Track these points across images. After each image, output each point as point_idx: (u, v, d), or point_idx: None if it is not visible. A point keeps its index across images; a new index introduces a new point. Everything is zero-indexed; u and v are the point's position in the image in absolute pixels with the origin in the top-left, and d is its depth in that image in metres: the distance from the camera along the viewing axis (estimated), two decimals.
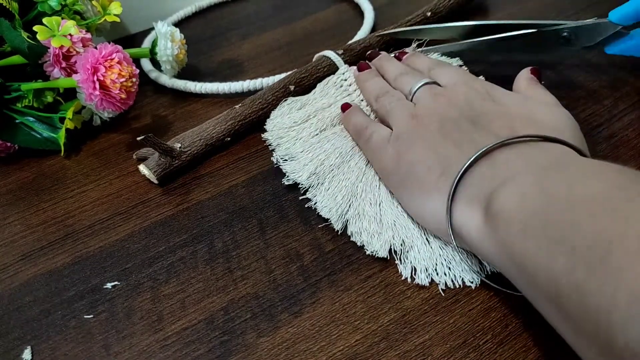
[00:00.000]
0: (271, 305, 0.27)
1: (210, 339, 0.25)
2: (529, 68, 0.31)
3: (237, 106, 0.37)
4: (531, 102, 0.28)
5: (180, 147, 0.34)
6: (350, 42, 0.43)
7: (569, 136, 0.25)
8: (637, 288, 0.15)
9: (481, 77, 0.34)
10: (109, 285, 0.29)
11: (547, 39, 0.37)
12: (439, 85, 0.31)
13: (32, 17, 0.39)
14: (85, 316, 0.27)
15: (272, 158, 0.34)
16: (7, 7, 0.36)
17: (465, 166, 0.24)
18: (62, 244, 0.32)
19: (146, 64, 0.46)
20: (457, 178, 0.24)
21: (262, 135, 0.36)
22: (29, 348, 0.26)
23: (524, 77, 0.30)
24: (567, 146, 0.24)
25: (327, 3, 0.54)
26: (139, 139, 0.31)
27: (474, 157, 0.24)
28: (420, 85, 0.31)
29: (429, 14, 0.44)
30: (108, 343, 0.26)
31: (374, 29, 0.48)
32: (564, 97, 0.36)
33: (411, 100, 0.32)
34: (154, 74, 0.45)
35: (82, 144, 0.40)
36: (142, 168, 0.34)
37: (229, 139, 0.37)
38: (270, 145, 0.35)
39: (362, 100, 0.36)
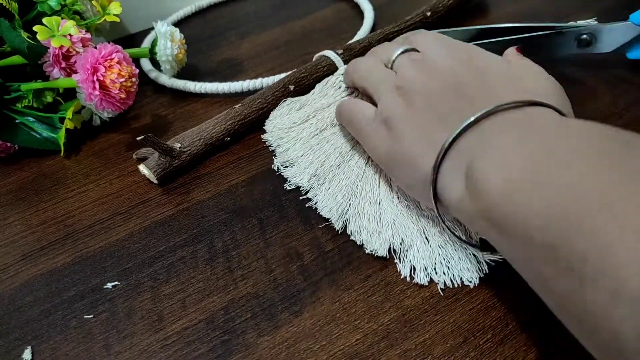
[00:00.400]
0: (271, 304, 0.27)
1: (210, 339, 0.25)
2: (513, 47, 0.30)
3: (236, 106, 0.37)
4: (516, 68, 0.27)
5: (180, 147, 0.34)
6: (350, 41, 0.43)
7: (554, 100, 0.24)
8: (604, 236, 0.16)
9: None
10: (109, 285, 0.29)
11: (565, 40, 0.36)
12: (417, 51, 0.30)
13: (32, 17, 0.39)
14: (86, 316, 0.27)
15: (273, 166, 0.34)
16: (7, 7, 0.36)
17: (450, 140, 0.24)
18: (62, 244, 0.32)
19: (146, 63, 0.46)
20: (443, 152, 0.24)
21: (262, 137, 0.36)
22: (29, 348, 0.26)
23: (509, 52, 0.30)
24: (553, 109, 0.24)
25: (326, 2, 0.54)
26: (139, 138, 0.31)
27: (459, 130, 0.24)
28: (398, 52, 0.30)
29: (428, 13, 0.44)
30: (109, 343, 0.26)
31: (373, 28, 0.48)
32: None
33: (392, 69, 0.31)
34: (153, 74, 0.45)
35: (82, 144, 0.40)
36: (142, 168, 0.34)
37: (228, 138, 0.37)
38: (270, 146, 0.35)
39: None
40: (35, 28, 0.35)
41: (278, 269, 0.28)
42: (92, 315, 0.27)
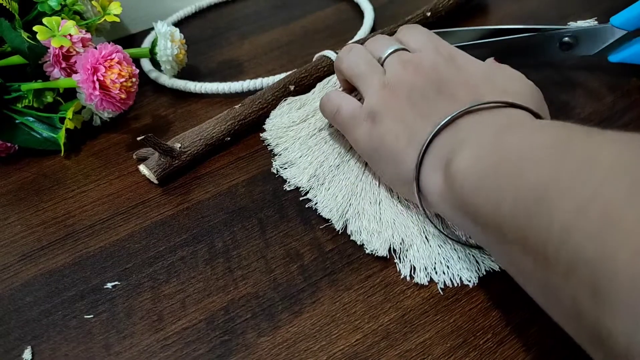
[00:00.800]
0: (271, 304, 0.27)
1: (210, 339, 0.25)
2: (491, 58, 0.31)
3: (236, 106, 0.37)
4: (496, 70, 0.28)
5: (180, 147, 0.34)
6: (349, 42, 0.43)
7: (532, 103, 0.25)
8: (568, 219, 0.17)
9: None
10: (109, 285, 0.29)
11: (547, 43, 0.36)
12: (408, 50, 0.31)
13: (32, 17, 0.39)
14: (86, 316, 0.27)
15: (272, 169, 0.34)
16: (7, 7, 0.36)
17: (431, 136, 0.25)
18: (62, 244, 0.32)
19: (146, 64, 0.46)
20: (424, 148, 0.25)
21: (261, 135, 0.36)
22: (29, 348, 0.26)
23: (488, 60, 0.31)
24: (529, 112, 0.24)
25: (326, 3, 0.54)
26: (139, 139, 0.31)
27: (438, 127, 0.25)
28: (389, 52, 0.30)
29: (428, 13, 0.44)
30: (108, 343, 0.26)
31: (373, 28, 0.48)
32: (564, 96, 0.36)
33: (382, 66, 0.31)
34: (154, 74, 0.45)
35: (82, 144, 0.40)
36: (142, 168, 0.34)
37: (228, 138, 0.37)
38: (269, 145, 0.36)
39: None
40: (36, 28, 0.35)
41: (278, 269, 0.28)
42: (92, 315, 0.27)
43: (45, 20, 0.35)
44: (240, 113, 0.37)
